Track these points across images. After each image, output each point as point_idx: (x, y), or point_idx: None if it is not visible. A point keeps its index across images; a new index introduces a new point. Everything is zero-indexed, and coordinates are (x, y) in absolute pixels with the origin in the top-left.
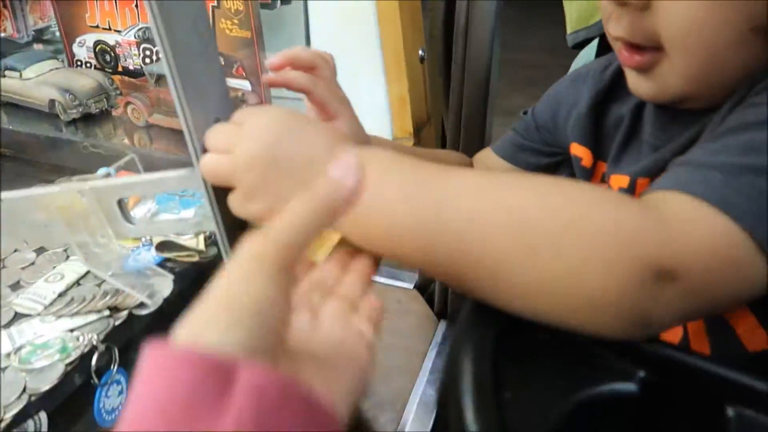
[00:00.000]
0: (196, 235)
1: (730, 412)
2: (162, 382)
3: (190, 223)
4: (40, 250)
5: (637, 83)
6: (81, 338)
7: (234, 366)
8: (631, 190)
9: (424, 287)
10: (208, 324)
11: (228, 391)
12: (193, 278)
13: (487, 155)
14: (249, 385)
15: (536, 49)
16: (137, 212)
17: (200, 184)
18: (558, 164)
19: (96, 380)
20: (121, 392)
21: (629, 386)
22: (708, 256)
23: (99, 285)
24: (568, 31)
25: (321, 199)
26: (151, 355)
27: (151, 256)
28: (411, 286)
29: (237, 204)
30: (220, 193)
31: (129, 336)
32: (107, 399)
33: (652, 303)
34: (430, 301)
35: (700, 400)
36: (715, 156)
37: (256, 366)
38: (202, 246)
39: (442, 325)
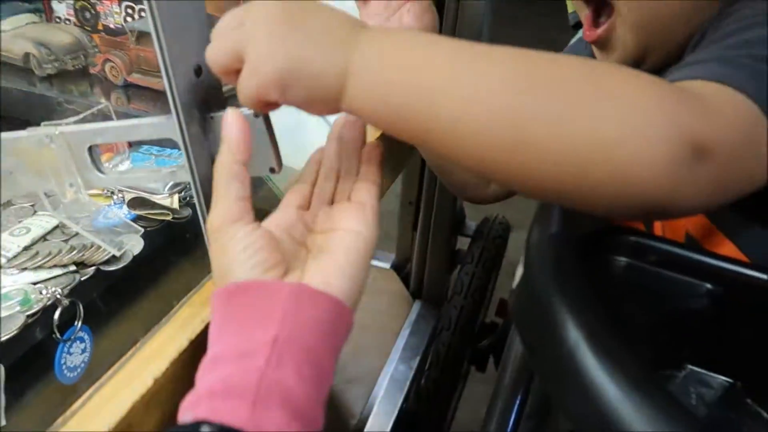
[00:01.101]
0: (171, 194)
1: None
2: (225, 308)
3: (164, 173)
4: (5, 204)
5: (602, 59)
6: (44, 291)
7: (267, 284)
8: None
9: (400, 267)
10: (231, 277)
11: (270, 302)
12: (165, 238)
13: None
14: (284, 295)
15: (525, 41)
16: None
17: (177, 133)
18: None
19: (58, 335)
20: (84, 350)
21: (699, 300)
22: (737, 132)
23: (66, 241)
24: (570, 11)
25: (224, 161)
26: (213, 297)
27: (122, 213)
28: (387, 265)
29: (247, 78)
30: (196, 143)
31: (96, 293)
32: (69, 356)
33: (683, 181)
34: (405, 281)
35: (758, 308)
36: (723, 52)
37: (280, 282)
38: (176, 205)
39: (417, 305)
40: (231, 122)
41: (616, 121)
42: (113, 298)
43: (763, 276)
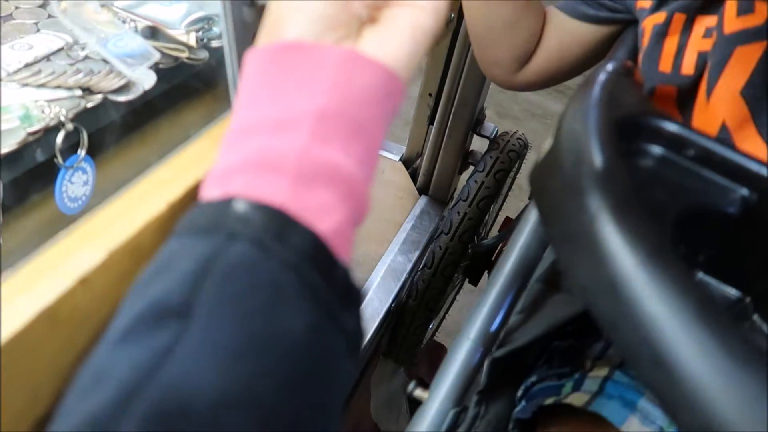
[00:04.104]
0: (188, 32)
1: None
2: (278, 68)
3: None
4: (7, 17)
5: None
6: (47, 110)
7: (318, 47)
8: (666, 24)
9: (409, 161)
10: (284, 27)
11: (318, 68)
12: (178, 77)
13: (552, 11)
14: (336, 61)
15: None
16: None
17: None
18: (623, 25)
19: (61, 161)
20: (86, 182)
21: (730, 205)
22: None
23: (73, 64)
24: None
25: None
26: (249, 56)
27: (134, 43)
28: (397, 158)
29: None
30: None
31: (101, 123)
32: (71, 185)
33: None
34: (413, 176)
35: None
36: None
37: (332, 46)
38: (193, 42)
39: (422, 200)
40: None
41: None
42: (120, 131)
43: None
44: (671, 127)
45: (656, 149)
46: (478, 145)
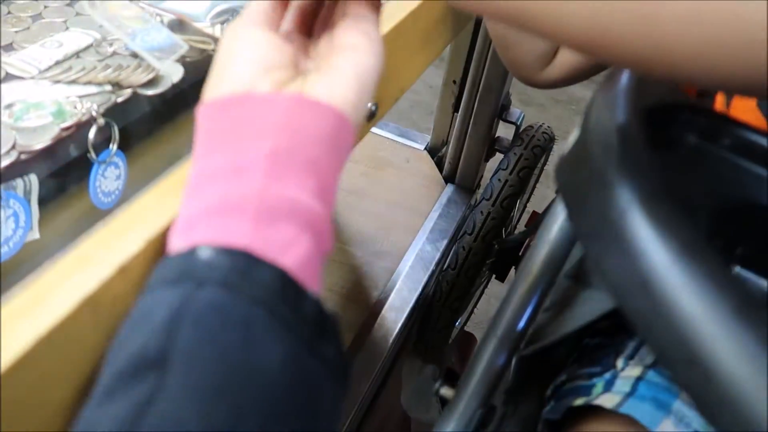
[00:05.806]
0: (213, 24)
1: None
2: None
3: None
4: (36, 17)
5: None
6: (79, 106)
7: (265, 97)
8: None
9: (435, 149)
10: (227, 74)
11: (267, 114)
12: (204, 70)
13: None
14: (283, 106)
15: None
16: None
17: None
18: None
19: (94, 156)
20: (118, 177)
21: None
22: None
23: (102, 60)
24: None
25: None
26: (201, 111)
27: (161, 37)
28: (422, 147)
29: None
30: None
31: (131, 117)
32: (104, 179)
33: None
34: (439, 164)
35: None
36: None
37: (278, 93)
38: (218, 34)
39: (449, 189)
40: None
41: None
42: (150, 124)
43: None
44: (705, 115)
45: (690, 138)
46: (503, 131)
